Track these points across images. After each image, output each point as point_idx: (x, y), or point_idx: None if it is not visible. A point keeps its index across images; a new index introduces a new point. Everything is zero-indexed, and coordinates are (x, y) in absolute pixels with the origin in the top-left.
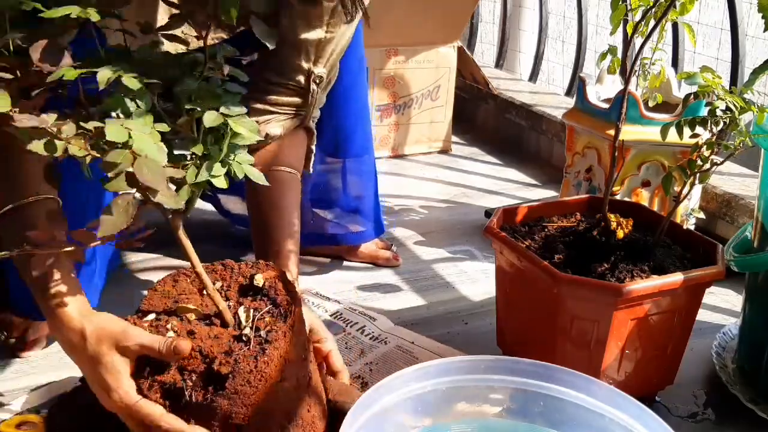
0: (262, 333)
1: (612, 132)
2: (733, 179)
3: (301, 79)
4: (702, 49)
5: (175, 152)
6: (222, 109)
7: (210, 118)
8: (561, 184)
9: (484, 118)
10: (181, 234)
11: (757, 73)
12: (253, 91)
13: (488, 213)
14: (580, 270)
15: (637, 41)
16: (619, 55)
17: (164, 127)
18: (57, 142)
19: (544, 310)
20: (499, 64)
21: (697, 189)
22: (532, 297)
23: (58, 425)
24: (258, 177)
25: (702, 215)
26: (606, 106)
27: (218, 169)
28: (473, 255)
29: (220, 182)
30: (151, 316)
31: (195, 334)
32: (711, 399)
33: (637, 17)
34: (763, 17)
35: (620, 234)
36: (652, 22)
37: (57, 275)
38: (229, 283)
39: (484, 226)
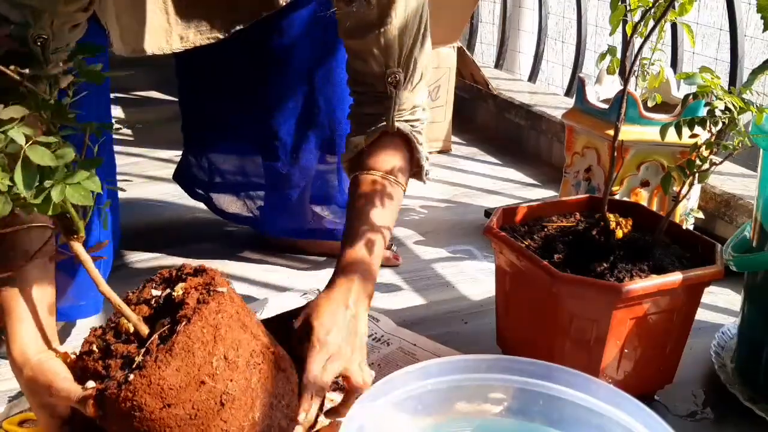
0: (138, 358)
1: (611, 132)
2: (732, 179)
3: (376, 83)
4: (701, 49)
5: None
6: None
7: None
8: (560, 183)
9: (484, 118)
10: (79, 250)
11: (756, 73)
12: (352, 107)
13: (488, 213)
14: (579, 270)
15: (637, 41)
16: (619, 55)
17: None
18: None
19: (544, 310)
20: (498, 65)
21: (696, 189)
22: (532, 296)
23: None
24: (84, 198)
25: (701, 215)
26: (605, 106)
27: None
28: (473, 255)
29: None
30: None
31: (111, 352)
32: (710, 398)
33: (637, 18)
34: (762, 17)
35: (619, 234)
36: (651, 23)
37: (17, 299)
38: (161, 294)
39: (484, 225)
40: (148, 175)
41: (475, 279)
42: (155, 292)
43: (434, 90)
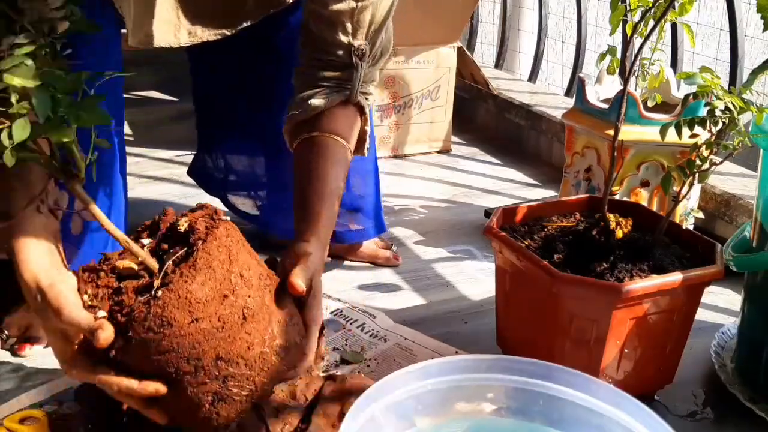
0: (156, 282)
1: (611, 132)
2: (732, 179)
3: (342, 53)
4: (701, 49)
5: None
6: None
7: None
8: (560, 183)
9: (484, 118)
10: (79, 190)
11: (756, 73)
12: (307, 67)
13: (488, 213)
14: (579, 269)
15: (637, 41)
16: (619, 55)
17: None
18: None
19: (544, 310)
20: (498, 65)
21: (696, 189)
22: (532, 296)
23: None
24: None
25: (701, 215)
26: (605, 106)
27: (23, 128)
28: (473, 254)
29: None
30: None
31: (121, 289)
32: (710, 398)
33: (637, 18)
34: (762, 17)
35: (619, 234)
36: (651, 23)
37: (26, 233)
38: (165, 232)
39: (484, 225)
40: (149, 175)
41: (475, 279)
42: (146, 241)
43: (434, 90)
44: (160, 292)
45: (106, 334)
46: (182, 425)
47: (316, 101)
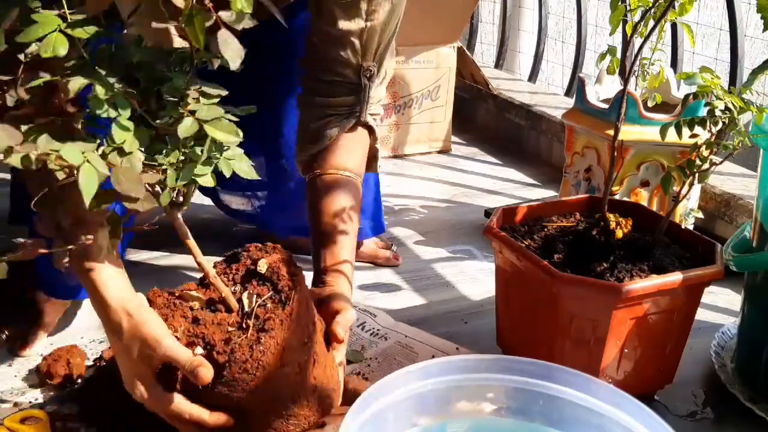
0: (260, 322)
1: (611, 132)
2: (732, 179)
3: (351, 74)
4: (701, 49)
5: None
6: (199, 113)
7: (185, 127)
8: (560, 183)
9: (484, 118)
10: (180, 224)
11: (756, 73)
12: (313, 93)
13: (488, 213)
14: (579, 269)
15: (637, 41)
16: (619, 55)
17: (145, 132)
18: (32, 156)
19: (544, 310)
20: (498, 65)
21: (696, 189)
22: (532, 296)
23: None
24: (248, 172)
25: (701, 215)
26: (605, 106)
27: (202, 169)
28: (473, 254)
29: (207, 180)
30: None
31: (200, 321)
32: (710, 398)
33: (637, 18)
34: (762, 17)
35: (619, 234)
36: (651, 23)
37: (102, 257)
38: (239, 266)
39: (484, 225)
40: None
41: (475, 279)
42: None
43: (434, 90)
44: (263, 338)
45: (208, 373)
46: None
47: (331, 131)
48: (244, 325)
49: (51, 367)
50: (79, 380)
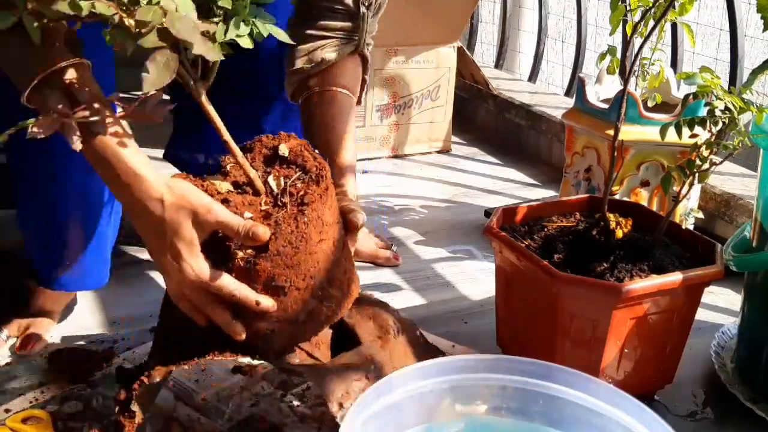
0: (296, 197)
1: (611, 132)
2: (732, 179)
3: (350, 1)
4: (701, 49)
5: None
6: None
7: None
8: (560, 183)
9: (484, 118)
10: (205, 101)
11: (756, 73)
12: (306, 17)
13: (488, 213)
14: (579, 269)
15: (637, 41)
16: (619, 55)
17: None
18: (82, 1)
19: (544, 310)
20: (498, 65)
21: (696, 189)
22: (532, 296)
23: None
24: (283, 36)
25: (701, 215)
26: (605, 106)
27: (243, 29)
28: (473, 254)
29: (245, 42)
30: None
31: (230, 202)
32: (710, 398)
33: (637, 17)
34: (762, 17)
35: (619, 234)
36: (651, 23)
37: (128, 141)
38: (254, 156)
39: (484, 225)
40: None
41: (475, 279)
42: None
43: (434, 90)
44: (306, 210)
45: (266, 231)
46: (252, 344)
47: (329, 55)
48: (279, 203)
49: (51, 367)
50: (81, 380)
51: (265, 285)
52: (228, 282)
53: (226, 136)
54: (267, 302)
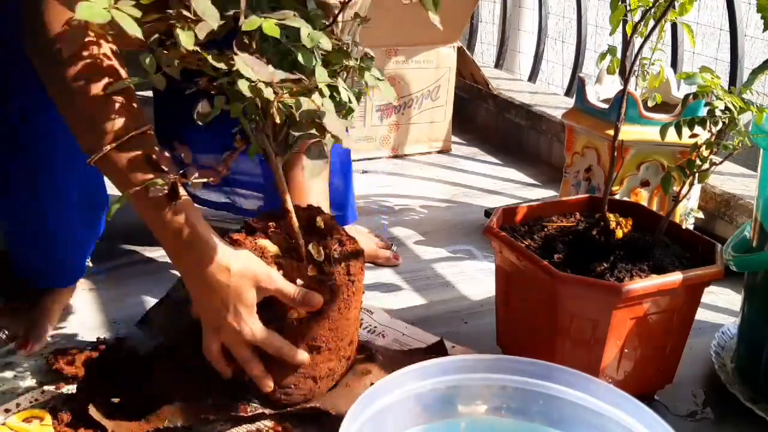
0: (340, 268)
1: (611, 132)
2: (732, 179)
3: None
4: (701, 49)
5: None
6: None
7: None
8: (560, 183)
9: (484, 118)
10: (280, 172)
11: (756, 73)
12: None
13: (488, 213)
14: (579, 269)
15: (637, 41)
16: (619, 55)
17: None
18: (261, 86)
19: (544, 310)
20: (498, 65)
21: (696, 189)
22: (532, 296)
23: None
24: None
25: (701, 215)
26: (605, 106)
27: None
28: (473, 254)
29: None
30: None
31: (282, 266)
32: (710, 398)
33: (637, 17)
34: (762, 17)
35: (619, 233)
36: (651, 23)
37: (193, 210)
38: (288, 223)
39: (484, 225)
40: None
41: (475, 279)
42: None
43: (434, 90)
44: (354, 279)
45: (320, 299)
46: (274, 396)
47: None
48: (325, 271)
49: (52, 367)
50: (81, 379)
51: (307, 343)
52: (277, 339)
53: (289, 204)
54: (303, 357)
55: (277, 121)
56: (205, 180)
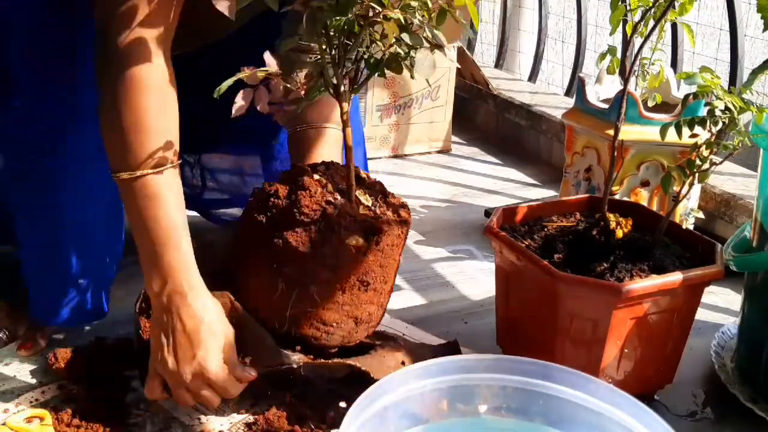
0: (389, 210)
1: (611, 132)
2: (732, 179)
3: None
4: (701, 49)
5: None
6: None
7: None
8: (560, 183)
9: (484, 118)
10: (346, 111)
11: (756, 73)
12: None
13: (488, 212)
14: (579, 269)
15: (637, 41)
16: (619, 55)
17: None
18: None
19: (544, 310)
20: (498, 65)
21: (696, 189)
22: (532, 296)
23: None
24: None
25: (701, 215)
26: (605, 106)
27: None
28: (473, 254)
29: None
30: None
31: (334, 204)
32: (710, 398)
33: (637, 18)
34: (762, 17)
35: (619, 233)
36: (651, 23)
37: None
38: (332, 174)
39: (484, 225)
40: None
41: (475, 279)
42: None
43: (434, 90)
44: (402, 214)
45: (236, 391)
46: (314, 337)
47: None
48: (377, 212)
49: (52, 367)
50: (81, 380)
51: (359, 277)
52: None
53: (351, 153)
54: (236, 391)
55: (392, 35)
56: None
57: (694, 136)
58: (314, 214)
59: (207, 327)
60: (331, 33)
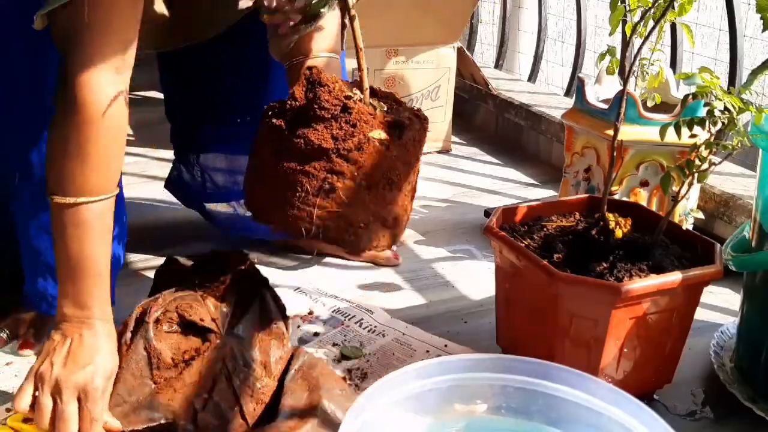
0: (407, 111)
1: (611, 132)
2: (731, 179)
3: None
4: (700, 49)
5: None
6: None
7: None
8: (560, 183)
9: (484, 118)
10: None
11: (755, 73)
12: None
13: (488, 212)
14: (579, 269)
15: (636, 42)
16: (618, 55)
17: None
18: None
19: (544, 309)
20: (498, 65)
21: (696, 189)
22: (532, 296)
23: None
24: None
25: (700, 215)
26: (605, 106)
27: None
28: (473, 254)
29: None
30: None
31: (350, 109)
32: (709, 398)
33: (636, 18)
34: (761, 17)
35: (619, 233)
36: (650, 23)
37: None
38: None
39: (484, 225)
40: (149, 175)
41: (475, 279)
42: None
43: (434, 90)
44: (424, 119)
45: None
46: (342, 237)
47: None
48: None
49: None
50: None
51: (383, 173)
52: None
53: (363, 62)
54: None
55: None
56: None
57: (693, 136)
58: (335, 109)
59: (102, 355)
60: None
